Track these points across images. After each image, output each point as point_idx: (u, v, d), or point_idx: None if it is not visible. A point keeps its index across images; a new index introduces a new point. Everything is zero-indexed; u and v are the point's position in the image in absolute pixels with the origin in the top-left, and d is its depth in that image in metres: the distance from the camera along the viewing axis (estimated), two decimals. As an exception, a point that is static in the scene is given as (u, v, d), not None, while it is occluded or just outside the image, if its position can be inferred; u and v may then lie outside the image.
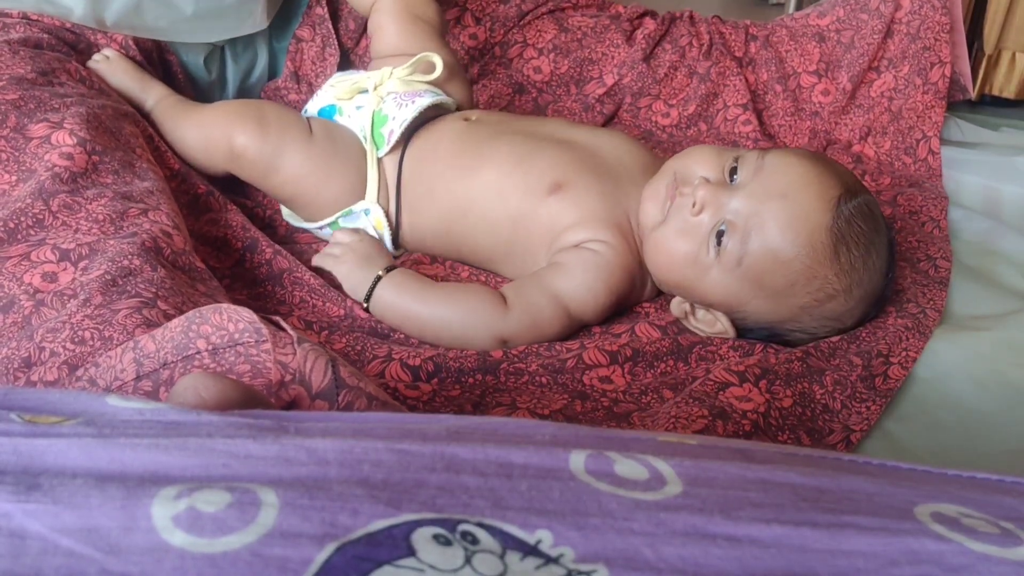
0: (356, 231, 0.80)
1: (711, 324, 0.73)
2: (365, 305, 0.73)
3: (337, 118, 0.85)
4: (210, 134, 0.82)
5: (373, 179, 0.82)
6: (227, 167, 0.83)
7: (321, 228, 0.85)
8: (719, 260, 0.68)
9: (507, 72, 1.09)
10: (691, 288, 0.72)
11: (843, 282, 0.68)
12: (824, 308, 0.69)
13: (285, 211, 0.87)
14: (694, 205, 0.69)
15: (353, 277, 0.74)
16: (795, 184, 0.68)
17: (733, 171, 0.70)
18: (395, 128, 0.82)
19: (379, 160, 0.83)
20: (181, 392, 0.34)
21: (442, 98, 0.85)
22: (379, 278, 0.73)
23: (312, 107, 0.88)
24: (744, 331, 0.73)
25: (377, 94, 0.84)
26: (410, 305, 0.72)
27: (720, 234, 0.68)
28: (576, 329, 0.74)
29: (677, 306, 0.74)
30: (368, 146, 0.83)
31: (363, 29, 1.04)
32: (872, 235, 0.69)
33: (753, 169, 0.69)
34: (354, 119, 0.84)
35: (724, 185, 0.69)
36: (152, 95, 0.85)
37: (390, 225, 0.83)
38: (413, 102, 0.83)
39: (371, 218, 0.83)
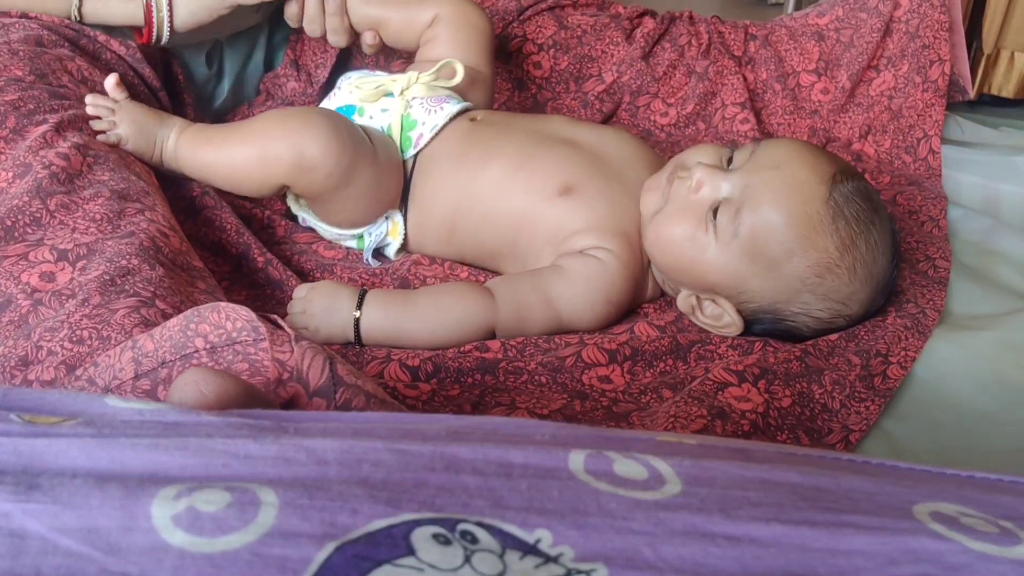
0: (302, 290, 0.72)
1: (718, 318, 0.73)
2: (359, 346, 0.70)
3: (356, 118, 0.85)
4: (271, 147, 0.73)
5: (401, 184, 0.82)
6: (285, 182, 0.75)
7: (345, 238, 0.84)
8: (716, 236, 0.69)
9: (506, 67, 1.09)
10: (692, 269, 0.72)
11: (844, 258, 0.68)
12: (826, 284, 0.68)
13: (294, 207, 0.87)
14: (692, 184, 0.71)
15: (330, 330, 0.70)
16: (788, 158, 0.69)
17: (730, 160, 0.73)
18: (425, 132, 0.82)
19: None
20: (182, 387, 0.34)
21: (465, 104, 0.86)
22: (357, 320, 0.70)
23: (330, 106, 0.88)
24: (751, 322, 0.72)
25: (403, 99, 0.84)
26: (401, 325, 0.70)
27: (716, 212, 0.70)
28: (565, 331, 0.74)
29: (684, 300, 0.74)
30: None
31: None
32: (872, 215, 0.69)
33: (748, 154, 0.71)
34: (376, 120, 0.84)
35: (721, 169, 0.71)
36: (174, 124, 0.77)
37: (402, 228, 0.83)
38: (442, 108, 0.83)
39: (389, 222, 0.83)
